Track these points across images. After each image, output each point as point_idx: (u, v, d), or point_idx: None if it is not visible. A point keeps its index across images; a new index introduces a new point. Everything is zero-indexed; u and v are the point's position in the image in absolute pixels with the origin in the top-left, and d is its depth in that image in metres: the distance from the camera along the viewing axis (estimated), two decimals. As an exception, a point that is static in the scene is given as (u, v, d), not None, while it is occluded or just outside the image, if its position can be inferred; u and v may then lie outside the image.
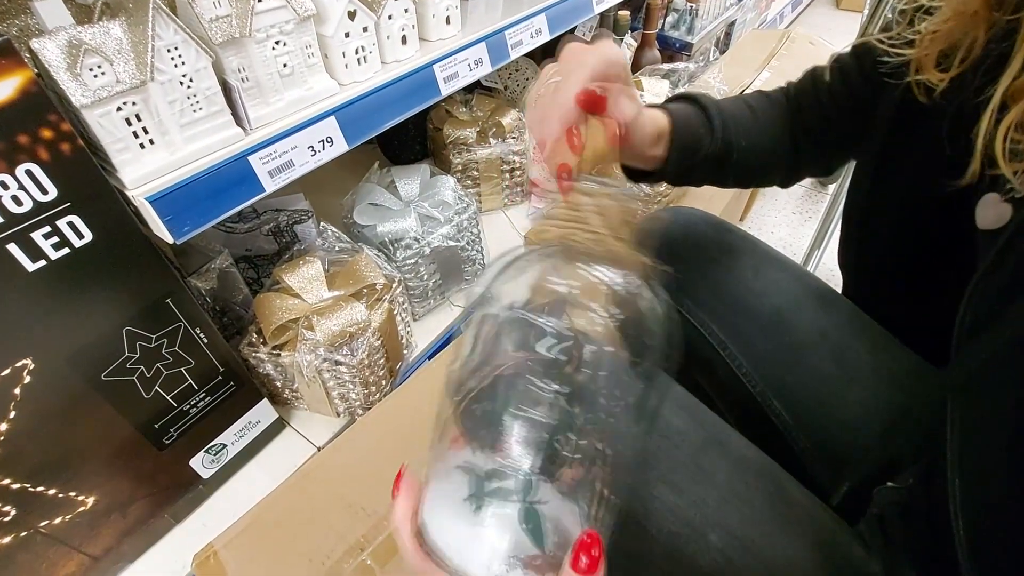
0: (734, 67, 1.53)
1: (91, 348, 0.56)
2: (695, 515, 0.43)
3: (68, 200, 0.49)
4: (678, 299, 0.62)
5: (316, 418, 0.84)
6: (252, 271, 0.89)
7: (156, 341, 0.61)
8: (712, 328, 0.61)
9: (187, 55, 0.53)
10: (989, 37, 0.39)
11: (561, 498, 0.29)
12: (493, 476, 0.29)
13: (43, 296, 0.51)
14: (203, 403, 0.68)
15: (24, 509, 0.57)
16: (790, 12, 2.59)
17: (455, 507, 0.29)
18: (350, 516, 0.63)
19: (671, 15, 1.54)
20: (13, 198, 0.46)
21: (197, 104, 0.55)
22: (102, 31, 0.49)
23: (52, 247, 0.50)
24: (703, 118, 0.53)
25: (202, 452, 0.71)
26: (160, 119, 0.54)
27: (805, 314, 0.59)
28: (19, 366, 0.51)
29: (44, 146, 0.47)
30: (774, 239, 1.56)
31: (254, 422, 0.76)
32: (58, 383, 0.54)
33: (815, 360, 0.56)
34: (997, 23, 0.39)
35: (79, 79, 0.48)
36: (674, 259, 0.64)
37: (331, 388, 0.77)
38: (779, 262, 0.63)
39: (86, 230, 0.51)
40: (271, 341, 0.72)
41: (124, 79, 0.50)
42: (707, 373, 0.64)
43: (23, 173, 0.46)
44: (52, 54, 0.47)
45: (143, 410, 0.62)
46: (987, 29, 0.39)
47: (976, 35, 0.39)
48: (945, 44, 0.42)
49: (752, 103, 0.57)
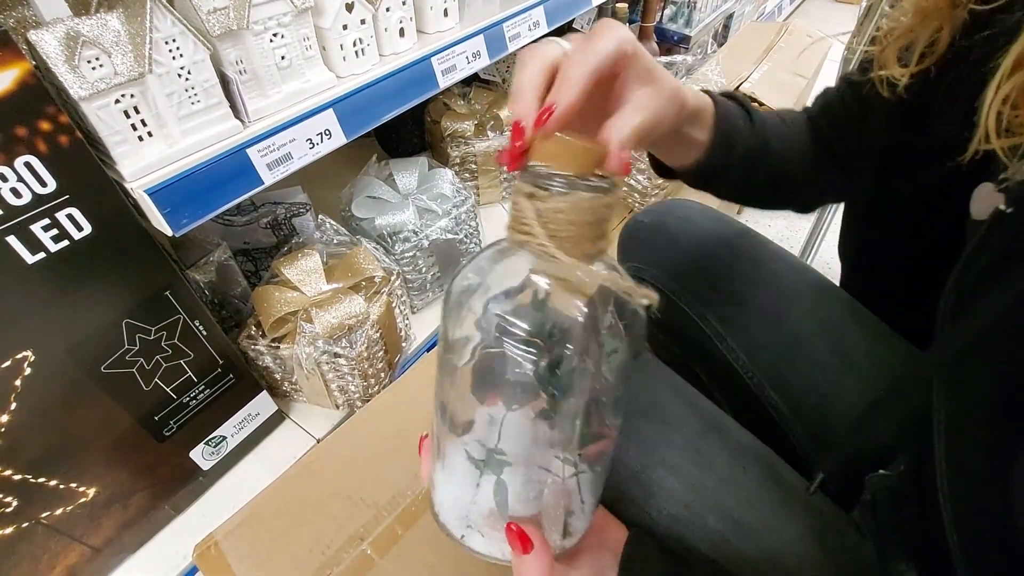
0: (732, 60, 1.53)
1: (91, 340, 0.56)
2: (694, 499, 0.44)
3: (67, 192, 0.49)
4: (677, 292, 0.63)
5: (315, 410, 0.84)
6: (250, 264, 0.89)
7: (155, 333, 0.61)
8: (710, 321, 0.61)
9: (185, 47, 0.53)
10: (952, 32, 0.40)
11: (527, 471, 0.31)
12: (475, 448, 0.32)
13: (43, 288, 0.51)
14: (202, 395, 0.69)
15: (25, 500, 0.57)
16: (788, 5, 2.58)
17: (445, 472, 0.34)
18: (350, 507, 0.63)
19: (669, 7, 1.53)
20: (12, 190, 0.46)
21: (195, 96, 0.55)
22: (100, 23, 0.49)
23: (51, 239, 0.50)
24: (740, 109, 0.48)
25: (202, 444, 0.72)
26: (158, 111, 0.53)
27: (803, 305, 0.59)
28: (19, 358, 0.51)
29: (42, 138, 0.47)
30: (772, 231, 1.57)
31: (253, 414, 0.77)
32: (58, 375, 0.55)
33: (812, 350, 0.57)
34: (956, 18, 0.40)
35: (77, 71, 0.48)
36: (673, 252, 0.65)
37: (330, 380, 0.77)
38: (777, 255, 0.63)
39: (85, 222, 0.51)
40: (270, 334, 0.72)
41: (122, 71, 0.50)
42: (705, 364, 0.65)
43: (22, 165, 0.46)
44: (50, 46, 0.46)
45: (143, 402, 0.63)
46: (950, 25, 0.40)
47: (938, 30, 0.40)
48: (905, 41, 0.42)
49: (778, 112, 0.55)
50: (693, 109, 0.41)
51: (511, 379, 0.29)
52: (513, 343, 0.28)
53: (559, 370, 0.29)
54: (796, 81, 1.52)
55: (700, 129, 0.44)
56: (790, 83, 1.49)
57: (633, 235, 0.70)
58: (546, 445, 0.31)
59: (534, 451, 0.31)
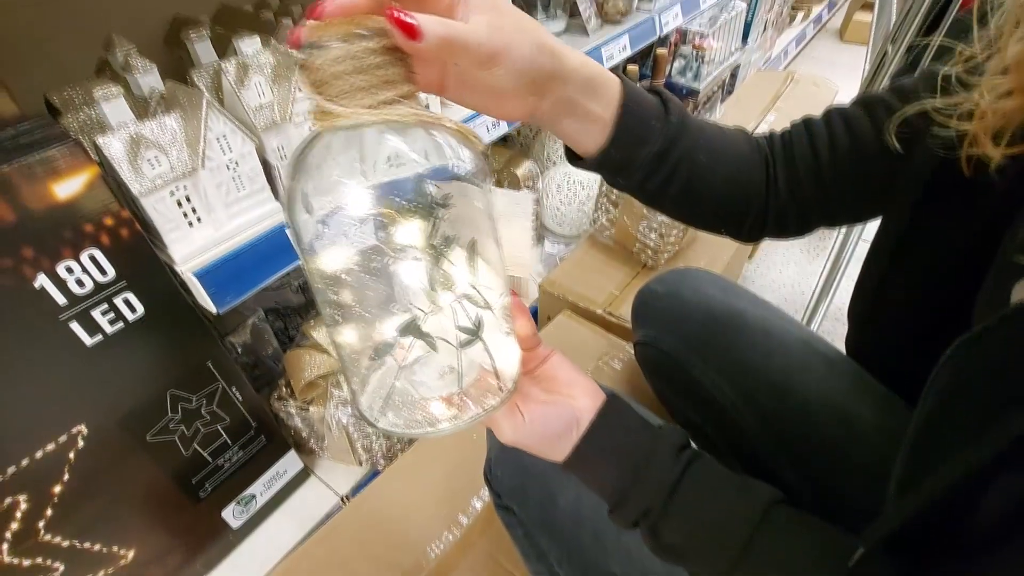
0: (739, 109, 1.57)
1: (138, 411, 0.59)
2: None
3: (124, 279, 0.53)
4: (692, 361, 0.65)
5: (338, 466, 0.87)
6: (280, 321, 0.92)
7: (196, 401, 0.64)
8: (723, 388, 0.64)
9: (234, 142, 0.57)
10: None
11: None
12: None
13: (98, 366, 0.55)
14: (236, 457, 0.72)
15: (71, 565, 0.60)
16: (794, 48, 2.65)
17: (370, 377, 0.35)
18: (375, 570, 0.65)
19: (678, 60, 1.59)
20: (77, 281, 0.50)
21: (241, 184, 0.60)
22: (160, 125, 0.53)
23: (108, 322, 0.54)
24: (659, 105, 0.43)
25: (233, 503, 0.74)
26: (207, 199, 0.58)
27: (811, 375, 0.61)
28: (74, 432, 0.55)
29: (106, 232, 0.51)
30: (783, 278, 1.58)
31: (281, 472, 0.79)
32: (108, 445, 0.58)
33: (821, 422, 0.58)
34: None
35: (138, 171, 0.52)
36: (686, 322, 0.67)
37: (355, 439, 0.80)
38: (785, 325, 0.65)
39: (139, 304, 0.55)
40: (300, 396, 0.76)
41: (177, 168, 0.54)
42: (721, 431, 0.67)
43: (87, 258, 0.50)
44: (115, 149, 0.51)
45: (182, 466, 0.66)
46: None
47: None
48: (1005, 120, 0.36)
49: (721, 126, 0.50)
50: (580, 72, 0.38)
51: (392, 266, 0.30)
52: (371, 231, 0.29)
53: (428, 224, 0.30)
54: (803, 130, 1.56)
55: (601, 104, 0.40)
56: (797, 132, 1.53)
57: (647, 303, 0.73)
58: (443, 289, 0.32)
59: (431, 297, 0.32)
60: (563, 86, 0.38)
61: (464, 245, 0.32)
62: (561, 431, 0.37)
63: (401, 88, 0.29)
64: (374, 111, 0.28)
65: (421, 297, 0.32)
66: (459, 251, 0.32)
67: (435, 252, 0.31)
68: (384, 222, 0.30)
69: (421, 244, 0.31)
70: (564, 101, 0.39)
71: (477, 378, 0.34)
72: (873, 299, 0.58)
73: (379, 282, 0.32)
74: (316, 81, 0.28)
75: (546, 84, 0.38)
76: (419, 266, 0.31)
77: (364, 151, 0.29)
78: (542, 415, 0.37)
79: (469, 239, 0.32)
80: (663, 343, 0.68)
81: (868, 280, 0.57)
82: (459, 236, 0.32)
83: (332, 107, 0.28)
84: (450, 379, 0.34)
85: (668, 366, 0.69)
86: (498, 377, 0.35)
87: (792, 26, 2.60)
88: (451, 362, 0.34)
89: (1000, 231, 0.38)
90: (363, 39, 0.27)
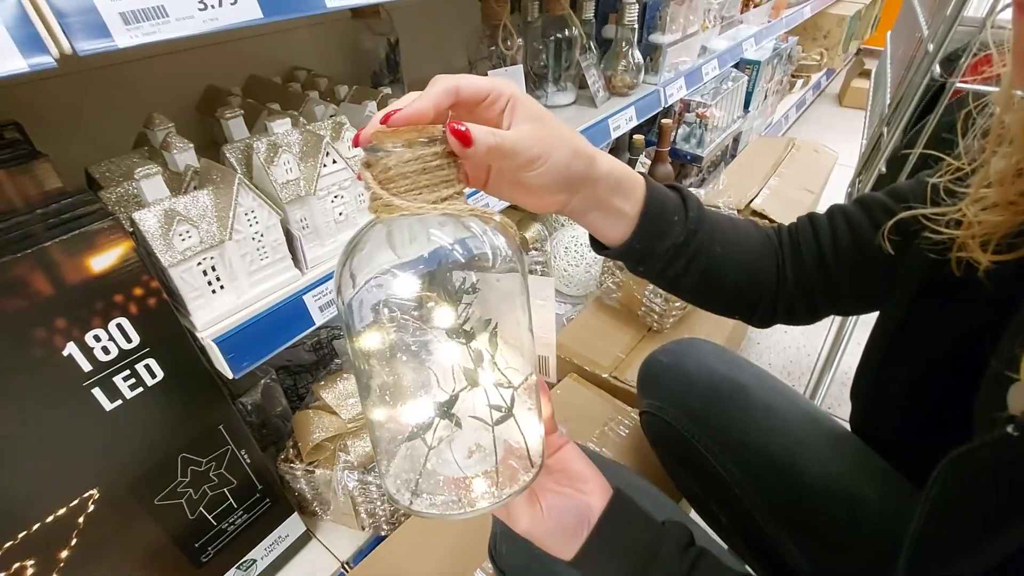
0: (741, 175, 1.62)
1: (150, 475, 0.60)
2: None
3: (148, 346, 0.55)
4: (696, 435, 0.66)
5: (340, 530, 0.86)
6: (289, 379, 0.94)
7: (205, 465, 0.65)
8: (727, 465, 0.64)
9: (260, 216, 0.60)
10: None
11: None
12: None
13: (115, 431, 0.56)
14: (240, 520, 0.71)
15: (70, 632, 0.59)
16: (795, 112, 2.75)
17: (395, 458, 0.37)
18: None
19: (682, 128, 1.65)
20: (103, 348, 0.52)
21: (264, 253, 0.62)
22: (193, 200, 0.56)
23: (129, 387, 0.55)
24: (679, 201, 0.47)
25: (234, 568, 0.74)
26: (232, 268, 0.60)
27: (814, 456, 0.61)
28: (86, 496, 0.56)
29: (134, 302, 0.53)
30: (787, 339, 1.59)
31: (283, 536, 0.79)
32: (117, 510, 0.58)
33: (826, 505, 0.58)
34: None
35: (169, 243, 0.55)
36: (690, 395, 0.68)
37: (359, 504, 0.80)
38: (788, 402, 0.66)
39: (159, 370, 0.57)
40: (307, 459, 0.76)
41: (206, 240, 0.57)
42: (724, 507, 0.66)
43: (114, 327, 0.52)
44: (150, 223, 0.54)
45: (187, 531, 0.66)
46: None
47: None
48: (991, 230, 0.39)
49: (730, 217, 0.53)
50: (610, 175, 0.42)
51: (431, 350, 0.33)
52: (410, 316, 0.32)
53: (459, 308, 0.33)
54: (804, 196, 1.60)
55: (627, 202, 0.44)
56: (798, 198, 1.57)
57: (652, 373, 0.74)
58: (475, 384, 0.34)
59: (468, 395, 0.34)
60: (593, 186, 0.42)
61: (499, 328, 0.35)
62: (573, 528, 0.38)
63: (456, 186, 0.33)
64: (435, 205, 0.32)
65: (458, 376, 0.34)
66: (495, 333, 0.35)
67: (470, 334, 0.34)
68: (425, 305, 0.33)
69: (457, 326, 0.34)
70: (593, 198, 0.43)
71: (504, 456, 0.36)
72: (875, 380, 0.59)
73: (419, 362, 0.34)
74: (384, 179, 0.32)
75: (578, 184, 0.41)
76: (455, 347, 0.34)
77: (412, 239, 0.33)
78: (559, 508, 0.37)
79: (506, 321, 0.35)
80: (668, 415, 0.69)
81: (870, 362, 0.58)
82: (495, 319, 0.35)
83: (399, 202, 0.31)
84: (478, 458, 0.35)
85: (673, 438, 0.69)
86: (529, 454, 0.36)
87: (792, 92, 2.70)
88: (478, 440, 0.35)
89: (994, 328, 0.40)
90: (426, 145, 0.32)
